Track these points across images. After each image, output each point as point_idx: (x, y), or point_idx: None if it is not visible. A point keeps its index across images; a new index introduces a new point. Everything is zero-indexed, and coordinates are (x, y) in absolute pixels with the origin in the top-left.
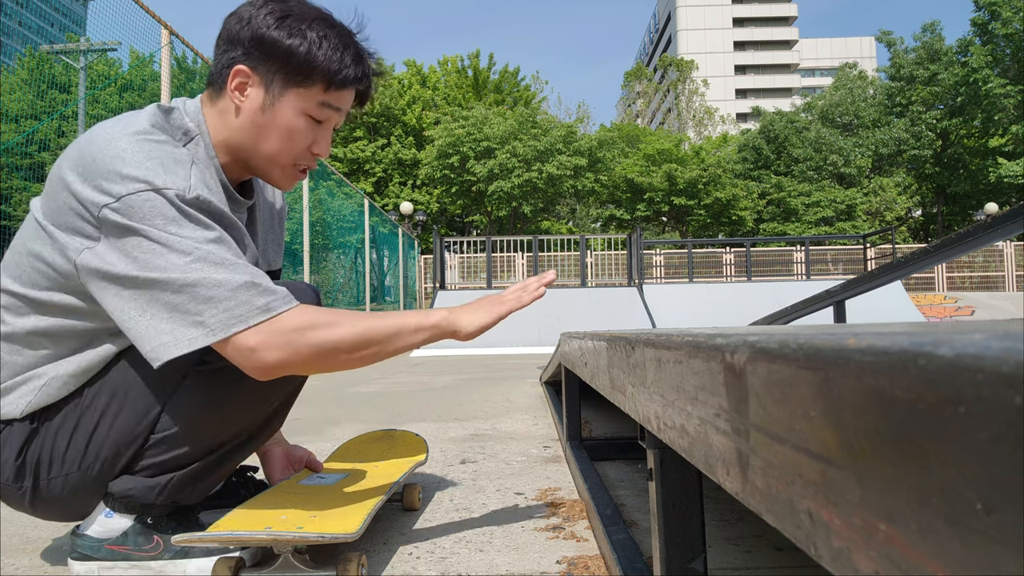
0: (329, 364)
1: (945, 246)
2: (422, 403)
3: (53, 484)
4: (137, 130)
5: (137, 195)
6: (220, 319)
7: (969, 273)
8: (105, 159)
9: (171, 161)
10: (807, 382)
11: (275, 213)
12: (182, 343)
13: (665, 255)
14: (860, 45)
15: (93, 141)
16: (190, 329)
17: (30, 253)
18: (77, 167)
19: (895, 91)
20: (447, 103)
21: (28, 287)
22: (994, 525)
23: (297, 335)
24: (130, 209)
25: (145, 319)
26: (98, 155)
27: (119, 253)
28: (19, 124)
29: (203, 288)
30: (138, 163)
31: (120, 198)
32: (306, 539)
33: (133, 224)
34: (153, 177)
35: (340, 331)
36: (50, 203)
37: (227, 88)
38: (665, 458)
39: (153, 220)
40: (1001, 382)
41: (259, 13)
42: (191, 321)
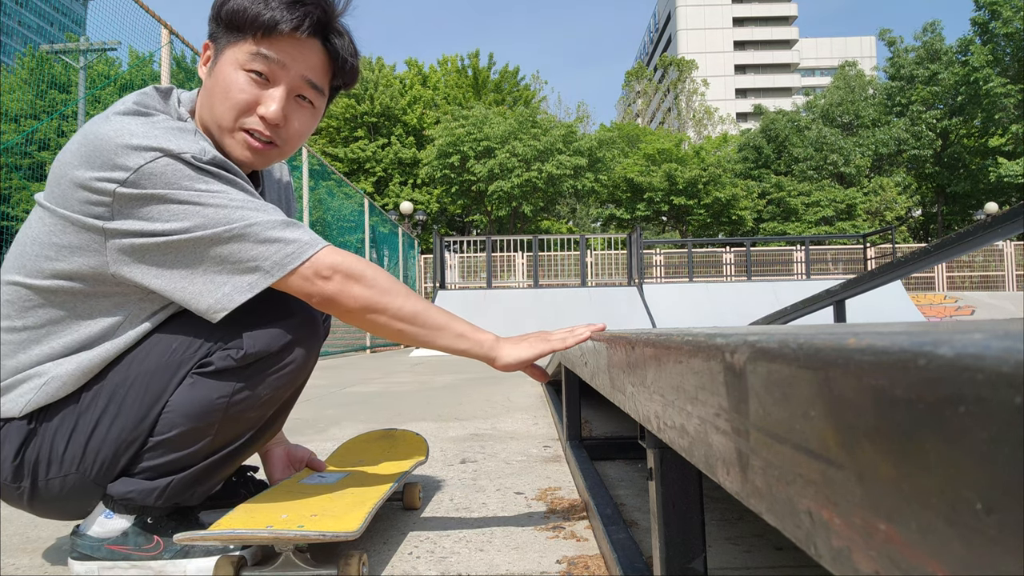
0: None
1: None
2: (422, 403)
3: (51, 484)
4: (131, 107)
5: (155, 162)
6: (274, 260)
7: (969, 273)
8: (110, 138)
9: (176, 130)
10: (807, 382)
11: (282, 200)
12: (243, 288)
13: (665, 255)
14: (860, 45)
15: (91, 129)
16: (247, 275)
17: (36, 241)
18: (80, 154)
19: (895, 91)
20: (447, 103)
21: (34, 276)
22: (994, 525)
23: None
24: (151, 177)
25: (198, 277)
26: (102, 137)
27: (147, 221)
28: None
29: (250, 233)
30: (144, 133)
31: (136, 169)
32: (307, 537)
33: (157, 191)
34: (165, 143)
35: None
36: (57, 194)
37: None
38: (665, 458)
39: (180, 182)
40: (1001, 382)
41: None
42: (246, 267)
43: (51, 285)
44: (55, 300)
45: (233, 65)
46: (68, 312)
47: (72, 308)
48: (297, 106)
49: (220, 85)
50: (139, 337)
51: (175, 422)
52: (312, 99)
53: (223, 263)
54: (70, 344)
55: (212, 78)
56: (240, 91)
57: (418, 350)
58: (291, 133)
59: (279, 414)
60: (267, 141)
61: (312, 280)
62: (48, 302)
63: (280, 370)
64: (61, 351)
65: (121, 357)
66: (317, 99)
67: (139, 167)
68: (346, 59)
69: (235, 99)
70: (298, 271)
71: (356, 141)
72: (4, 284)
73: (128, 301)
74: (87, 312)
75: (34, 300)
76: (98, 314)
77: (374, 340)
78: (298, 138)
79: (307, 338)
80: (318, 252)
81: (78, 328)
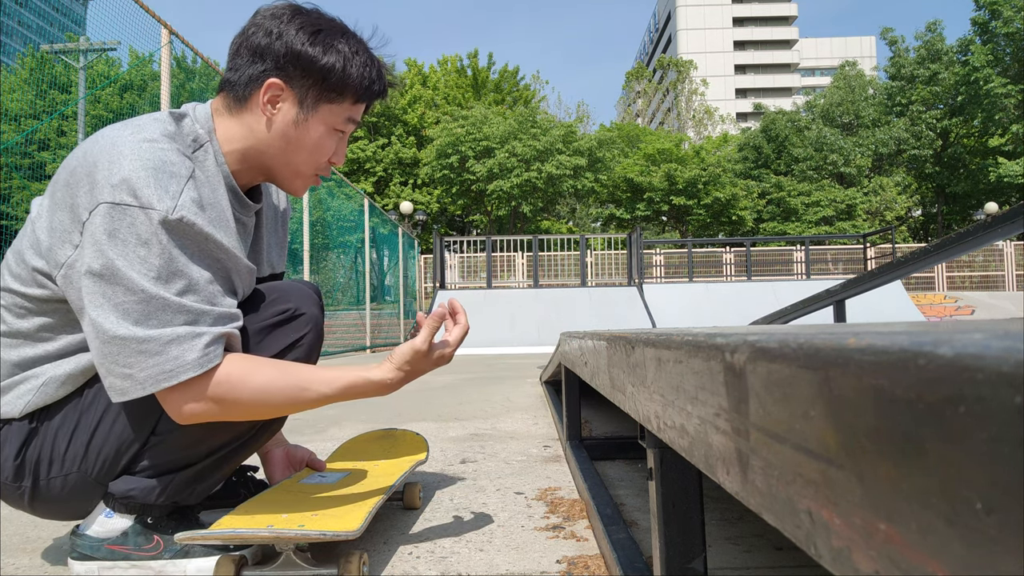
0: (247, 416)
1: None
2: (422, 403)
3: (53, 484)
4: (142, 139)
5: (119, 207)
6: (148, 374)
7: (969, 273)
8: (103, 164)
9: (167, 176)
10: (807, 382)
11: (279, 215)
12: (116, 391)
13: (665, 255)
14: (860, 45)
15: (98, 144)
16: (120, 380)
17: (29, 251)
18: (79, 168)
19: (895, 90)
20: (447, 103)
21: (28, 285)
22: (994, 525)
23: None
24: (108, 220)
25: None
26: (99, 159)
27: (79, 276)
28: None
29: (132, 343)
30: (131, 173)
31: (100, 205)
32: (307, 537)
33: (105, 239)
34: (142, 191)
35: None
36: (49, 201)
37: (256, 100)
38: (665, 458)
39: (116, 246)
40: (1001, 382)
41: (289, 28)
42: (120, 373)
43: (42, 295)
44: (47, 309)
45: (327, 125)
46: (62, 318)
47: (66, 315)
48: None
49: (311, 141)
50: None
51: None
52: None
53: (104, 357)
54: (66, 346)
55: (299, 130)
56: (329, 149)
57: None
58: None
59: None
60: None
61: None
62: (42, 310)
63: None
64: (58, 353)
65: None
66: None
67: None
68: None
69: (324, 157)
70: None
71: (356, 141)
72: (4, 289)
73: None
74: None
75: (29, 307)
76: None
77: (374, 340)
78: None
79: (309, 337)
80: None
81: (75, 331)
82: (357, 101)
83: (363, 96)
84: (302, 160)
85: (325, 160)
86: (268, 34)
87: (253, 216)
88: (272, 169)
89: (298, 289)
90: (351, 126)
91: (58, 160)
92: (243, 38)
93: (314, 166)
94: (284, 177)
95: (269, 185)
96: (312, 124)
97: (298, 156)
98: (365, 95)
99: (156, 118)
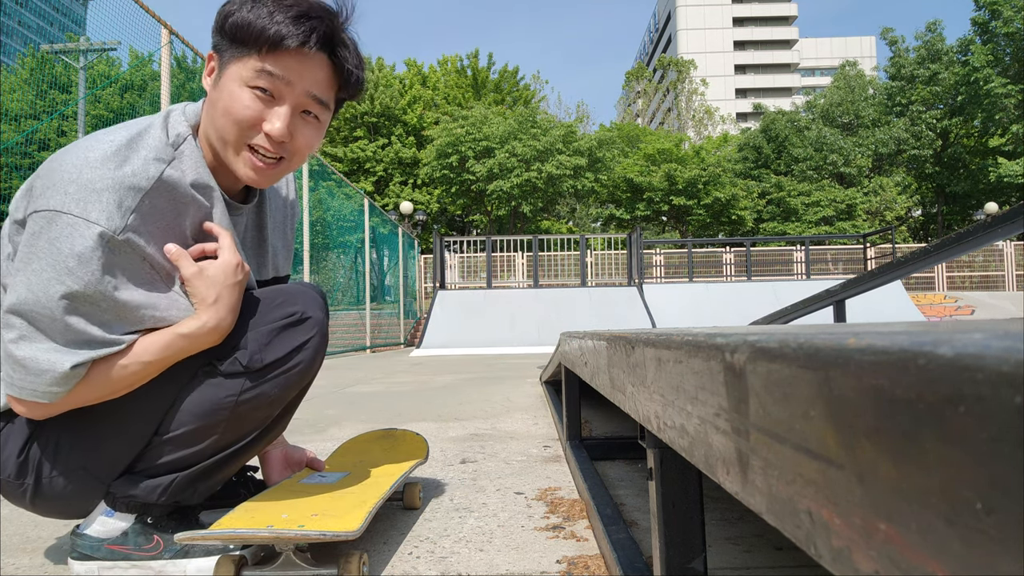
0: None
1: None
2: (422, 403)
3: (55, 482)
4: (109, 147)
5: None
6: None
7: (969, 273)
8: (62, 170)
9: (125, 188)
10: (807, 382)
11: (288, 217)
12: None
13: (665, 255)
14: (860, 45)
15: (68, 149)
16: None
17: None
18: (43, 170)
19: (895, 90)
20: (447, 103)
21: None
22: (994, 525)
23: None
24: (48, 226)
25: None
26: (62, 163)
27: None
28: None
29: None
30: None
31: (44, 211)
32: (307, 537)
33: (40, 244)
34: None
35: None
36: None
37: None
38: (665, 458)
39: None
40: (1001, 382)
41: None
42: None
43: None
44: None
45: (237, 82)
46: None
47: None
48: (302, 121)
49: (224, 101)
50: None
51: (182, 420)
52: (317, 114)
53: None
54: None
55: (216, 92)
56: (244, 108)
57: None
58: (297, 148)
59: (284, 414)
60: (273, 159)
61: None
62: None
63: (288, 371)
64: None
65: None
66: (322, 113)
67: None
68: (352, 71)
69: (239, 116)
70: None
71: (356, 141)
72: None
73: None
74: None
75: None
76: None
77: (374, 340)
78: (305, 151)
79: (314, 340)
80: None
81: None
82: (263, 49)
83: (265, 40)
84: (222, 126)
85: (248, 124)
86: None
87: (243, 215)
88: (215, 149)
89: (304, 293)
90: (275, 84)
91: None
92: None
93: (235, 130)
94: (222, 155)
95: (277, 188)
96: (223, 83)
97: (218, 121)
98: (267, 39)
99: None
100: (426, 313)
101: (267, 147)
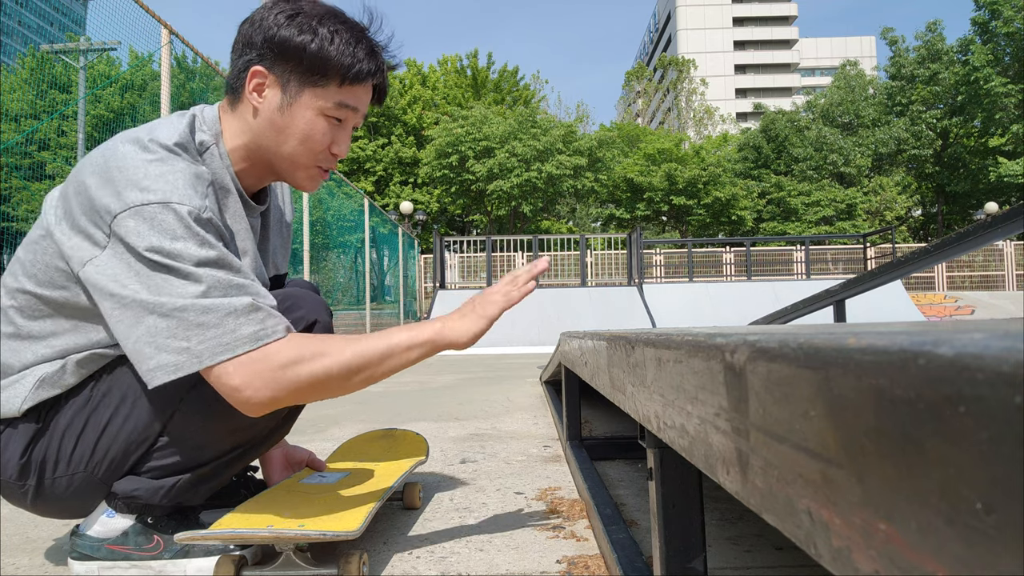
0: (321, 395)
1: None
2: (422, 403)
3: (58, 483)
4: (161, 144)
5: (149, 206)
6: (207, 346)
7: (969, 272)
8: (127, 168)
9: (192, 176)
10: (807, 381)
11: (284, 218)
12: (167, 369)
13: (665, 255)
14: (860, 45)
15: (118, 149)
16: (174, 355)
17: (46, 252)
18: (99, 172)
19: (895, 90)
20: (446, 103)
21: (44, 287)
22: (994, 525)
23: (282, 371)
24: (140, 220)
25: (132, 339)
26: (122, 164)
27: (119, 267)
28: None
29: (192, 313)
30: (158, 175)
31: (133, 207)
32: (308, 537)
33: (138, 237)
34: (170, 192)
35: (327, 361)
36: (66, 204)
37: (245, 91)
38: (665, 457)
39: (160, 235)
40: (1001, 382)
41: (270, 14)
42: (176, 347)
43: (60, 297)
44: (64, 311)
45: (314, 110)
46: (75, 323)
47: (80, 320)
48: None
49: (299, 128)
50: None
51: (187, 423)
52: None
53: (155, 336)
54: (65, 349)
55: (285, 117)
56: (324, 136)
57: None
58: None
59: (288, 417)
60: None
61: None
62: (58, 312)
63: None
64: (59, 352)
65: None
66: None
67: (135, 205)
68: (386, 93)
69: (318, 145)
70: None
71: (356, 141)
72: (15, 291)
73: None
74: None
75: (45, 310)
76: (106, 327)
77: None
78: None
79: None
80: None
81: (83, 333)
82: (344, 83)
83: (348, 77)
84: (294, 149)
85: (322, 149)
86: (253, 24)
87: (258, 218)
88: (272, 163)
89: (308, 296)
90: (347, 113)
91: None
92: (238, 34)
93: (310, 155)
94: (284, 170)
95: (274, 186)
96: (297, 109)
97: (288, 144)
98: (351, 76)
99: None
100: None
101: (332, 166)
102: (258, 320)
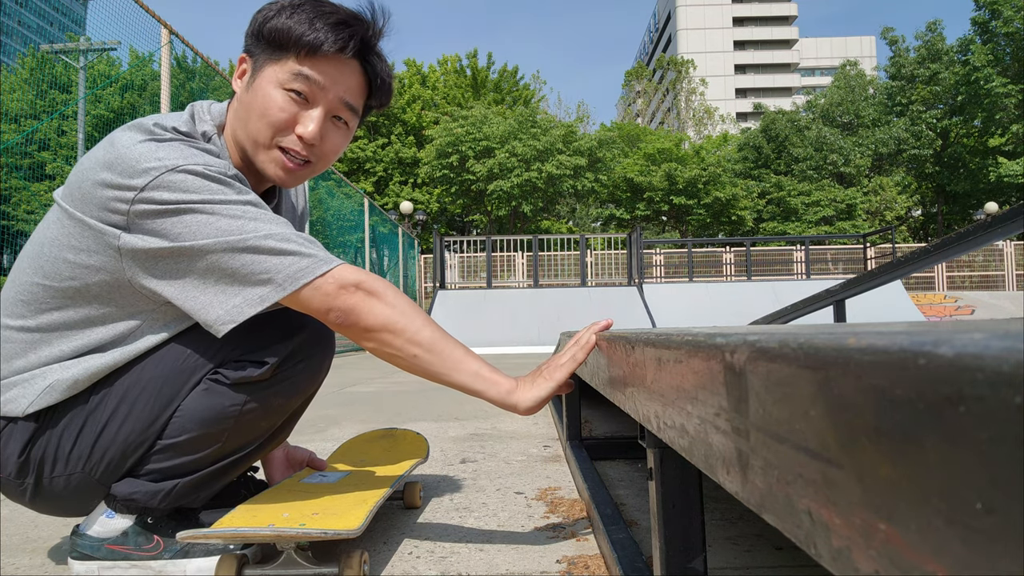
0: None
1: (945, 246)
2: (422, 402)
3: (56, 483)
4: (166, 127)
5: (172, 172)
6: (287, 272)
7: (969, 272)
8: (137, 149)
9: (203, 151)
10: (807, 381)
11: (297, 218)
12: (253, 301)
13: (665, 255)
14: (860, 44)
15: (122, 138)
16: (257, 288)
17: (55, 243)
18: (106, 160)
19: (895, 90)
20: (446, 103)
21: (53, 279)
22: (994, 525)
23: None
24: (169, 185)
25: (208, 287)
26: (131, 147)
27: (163, 230)
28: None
29: (264, 245)
30: (171, 147)
31: (156, 177)
32: (308, 535)
33: (175, 199)
34: (188, 158)
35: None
36: (76, 194)
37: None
38: (665, 457)
39: (198, 191)
40: (1001, 382)
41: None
42: (258, 279)
43: (70, 288)
44: (73, 304)
45: (273, 83)
46: (84, 316)
47: (88, 313)
48: (332, 126)
49: (258, 102)
50: (154, 344)
51: (186, 427)
52: (347, 120)
53: (234, 274)
54: (79, 347)
55: (249, 94)
56: (279, 110)
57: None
58: (324, 151)
59: (288, 422)
60: (302, 160)
61: (332, 295)
62: (66, 305)
63: (293, 381)
64: (70, 353)
65: (133, 360)
66: (352, 119)
67: (158, 174)
68: (383, 80)
69: (273, 117)
70: (314, 284)
71: (355, 141)
72: (22, 283)
73: (146, 308)
74: (102, 318)
75: (51, 303)
76: (113, 319)
77: None
78: (332, 156)
79: (320, 350)
80: (336, 268)
81: (91, 332)
82: (300, 53)
83: (303, 45)
84: (255, 126)
85: (282, 125)
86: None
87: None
88: (245, 149)
89: None
90: (309, 88)
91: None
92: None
93: (268, 130)
94: (252, 155)
95: (288, 193)
96: (258, 84)
97: (251, 122)
98: (305, 44)
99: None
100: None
101: (297, 149)
102: (321, 248)
